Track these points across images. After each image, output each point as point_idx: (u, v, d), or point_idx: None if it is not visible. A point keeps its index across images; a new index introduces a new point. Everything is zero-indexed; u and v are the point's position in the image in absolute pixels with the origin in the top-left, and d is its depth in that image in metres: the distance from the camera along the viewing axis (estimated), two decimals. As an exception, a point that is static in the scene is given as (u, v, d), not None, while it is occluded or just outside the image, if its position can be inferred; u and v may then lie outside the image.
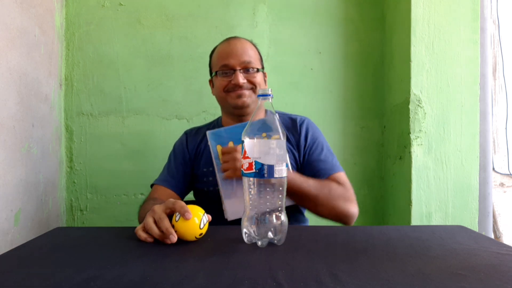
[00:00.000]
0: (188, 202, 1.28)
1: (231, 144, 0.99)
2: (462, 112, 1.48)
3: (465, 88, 1.48)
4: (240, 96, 1.09)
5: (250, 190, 0.69)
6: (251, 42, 1.18)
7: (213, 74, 1.16)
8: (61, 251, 0.70)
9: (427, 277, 0.53)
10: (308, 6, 1.70)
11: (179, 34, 1.66)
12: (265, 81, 1.18)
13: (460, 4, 1.47)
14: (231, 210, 0.98)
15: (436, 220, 1.47)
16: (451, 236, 0.77)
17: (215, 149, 1.00)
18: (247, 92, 1.10)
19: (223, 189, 0.99)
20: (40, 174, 1.40)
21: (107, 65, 1.65)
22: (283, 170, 0.68)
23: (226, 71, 1.10)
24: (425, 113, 1.46)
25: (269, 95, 0.72)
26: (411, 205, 1.46)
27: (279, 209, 0.70)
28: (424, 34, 1.46)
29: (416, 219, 1.46)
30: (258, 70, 1.12)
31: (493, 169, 1.78)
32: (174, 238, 0.70)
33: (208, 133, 1.02)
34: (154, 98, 1.66)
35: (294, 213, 1.12)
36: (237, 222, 1.00)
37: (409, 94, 1.46)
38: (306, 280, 0.51)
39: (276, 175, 0.67)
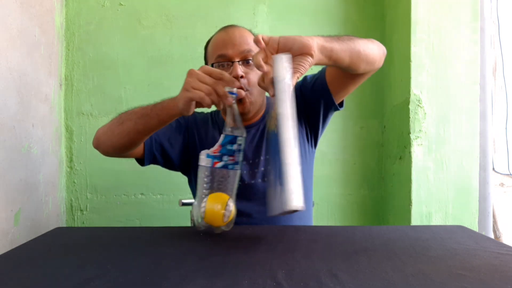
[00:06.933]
0: (186, 204, 1.29)
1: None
2: (462, 112, 1.48)
3: (465, 88, 1.48)
4: (240, 101, 0.96)
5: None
6: (250, 31, 1.05)
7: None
8: (61, 251, 0.70)
9: (427, 277, 0.53)
10: (308, 6, 1.70)
11: (179, 34, 1.66)
12: None
13: (460, 5, 1.47)
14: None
15: (436, 220, 1.47)
16: (451, 236, 0.77)
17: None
18: (247, 98, 0.97)
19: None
20: (40, 174, 1.40)
21: (107, 65, 1.65)
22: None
23: (223, 62, 0.99)
24: (425, 113, 1.46)
25: (234, 93, 0.75)
26: (411, 205, 1.46)
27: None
28: (424, 34, 1.46)
29: (416, 219, 1.46)
30: None
31: (493, 169, 1.78)
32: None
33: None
34: (154, 98, 1.64)
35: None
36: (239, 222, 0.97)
37: (409, 94, 1.46)
38: (306, 280, 0.51)
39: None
